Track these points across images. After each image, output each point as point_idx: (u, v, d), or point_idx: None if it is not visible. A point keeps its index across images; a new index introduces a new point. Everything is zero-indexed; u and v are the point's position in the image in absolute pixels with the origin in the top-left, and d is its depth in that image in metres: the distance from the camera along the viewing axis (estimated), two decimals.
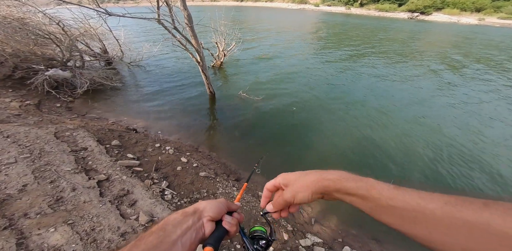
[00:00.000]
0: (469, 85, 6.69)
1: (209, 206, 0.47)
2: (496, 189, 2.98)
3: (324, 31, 17.73)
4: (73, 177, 2.13)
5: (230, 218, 0.49)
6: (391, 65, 8.49)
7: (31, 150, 2.40)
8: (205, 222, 0.44)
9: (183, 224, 0.41)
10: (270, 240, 0.56)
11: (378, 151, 3.58)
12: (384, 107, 5.06)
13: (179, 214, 0.43)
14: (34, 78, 4.43)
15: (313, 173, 0.46)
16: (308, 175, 0.46)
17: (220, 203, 0.49)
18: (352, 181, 0.40)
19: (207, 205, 0.47)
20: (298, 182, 0.46)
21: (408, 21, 32.20)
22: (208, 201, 0.49)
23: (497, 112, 4.97)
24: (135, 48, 7.71)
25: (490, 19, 34.70)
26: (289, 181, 0.48)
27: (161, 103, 4.88)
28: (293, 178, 0.48)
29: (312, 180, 0.44)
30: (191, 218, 0.43)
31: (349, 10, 47.69)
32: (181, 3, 3.40)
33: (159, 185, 2.33)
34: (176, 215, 0.43)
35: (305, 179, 0.46)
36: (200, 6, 50.00)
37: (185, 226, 0.41)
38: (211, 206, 0.47)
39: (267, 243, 0.56)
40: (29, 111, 3.74)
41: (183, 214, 0.44)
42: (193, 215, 0.44)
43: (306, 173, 0.47)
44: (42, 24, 4.89)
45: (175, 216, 0.43)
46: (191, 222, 0.42)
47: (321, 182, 0.43)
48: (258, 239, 0.57)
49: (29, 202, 1.77)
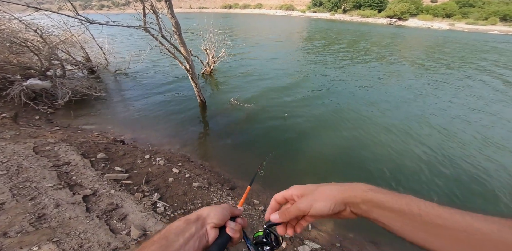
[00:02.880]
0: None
1: (213, 213, 0.45)
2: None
3: (312, 36, 18.28)
4: (56, 193, 2.00)
5: (234, 224, 0.47)
6: (378, 69, 8.87)
7: (8, 166, 2.24)
8: (209, 229, 0.43)
9: (185, 232, 0.40)
10: (275, 246, 0.54)
11: (370, 153, 3.68)
12: (377, 110, 5.25)
13: (182, 222, 0.42)
14: (10, 89, 4.17)
15: (336, 184, 0.43)
16: (330, 185, 0.43)
17: (223, 209, 0.47)
18: (386, 194, 0.36)
19: (211, 212, 0.45)
20: (318, 191, 0.43)
21: (387, 27, 34.02)
22: (211, 207, 0.47)
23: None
24: (120, 56, 7.52)
25: (459, 24, 37.53)
26: (305, 191, 0.44)
27: (150, 113, 4.74)
28: (310, 188, 0.44)
29: (338, 188, 0.41)
30: (194, 226, 0.42)
31: (334, 16, 49.79)
32: (169, 10, 3.37)
33: (151, 197, 2.23)
34: (179, 223, 0.42)
35: (327, 188, 0.42)
36: (188, 13, 50.13)
37: (188, 234, 0.40)
38: (215, 212, 0.45)
39: (271, 249, 0.54)
40: (5, 125, 3.50)
41: (186, 221, 0.42)
42: (196, 222, 0.43)
43: (327, 183, 0.44)
44: (18, 31, 4.66)
45: (177, 224, 0.42)
46: (194, 229, 0.41)
47: (349, 191, 0.39)
48: (262, 245, 0.55)
49: (8, 221, 1.66)
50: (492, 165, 3.51)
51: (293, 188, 0.47)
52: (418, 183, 3.12)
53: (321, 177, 3.20)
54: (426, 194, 2.94)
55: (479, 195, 2.97)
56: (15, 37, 4.47)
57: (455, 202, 2.86)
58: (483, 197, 2.94)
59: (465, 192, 3.00)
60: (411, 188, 3.02)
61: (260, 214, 2.36)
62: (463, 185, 3.11)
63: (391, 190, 0.38)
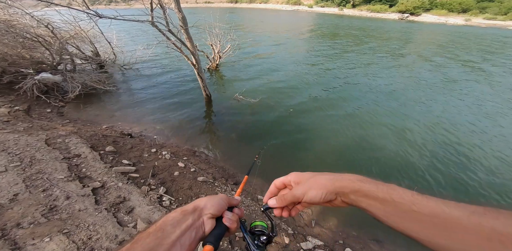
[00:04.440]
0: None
1: (210, 203, 0.45)
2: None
3: (320, 32, 17.91)
4: (67, 185, 2.06)
5: (231, 215, 0.47)
6: (387, 68, 8.63)
7: (21, 158, 2.32)
8: (206, 220, 0.43)
9: (182, 223, 0.40)
10: (271, 235, 0.54)
11: (376, 150, 3.63)
12: (381, 107, 5.13)
13: (178, 213, 0.42)
14: (23, 82, 4.29)
15: (330, 174, 0.45)
16: (324, 174, 0.45)
17: (221, 199, 0.48)
18: (372, 184, 0.39)
19: (208, 202, 0.45)
20: (313, 179, 0.45)
21: (399, 22, 32.89)
22: (208, 197, 0.47)
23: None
24: (128, 50, 7.59)
25: (476, 19, 35.86)
26: (301, 179, 0.47)
27: (156, 107, 4.80)
28: (307, 176, 0.47)
29: (330, 178, 0.43)
30: (191, 216, 0.41)
31: (342, 11, 48.40)
32: (175, 5, 3.36)
33: (157, 191, 2.28)
34: (175, 214, 0.41)
35: (321, 177, 0.44)
36: (194, 8, 49.83)
37: (184, 225, 0.40)
38: (212, 203, 0.46)
39: (268, 239, 0.54)
40: (18, 117, 3.62)
41: (183, 212, 0.42)
42: (193, 213, 0.43)
43: (322, 173, 0.47)
44: (30, 27, 4.75)
45: (174, 215, 0.41)
46: (191, 220, 0.41)
47: (339, 181, 0.42)
48: (259, 235, 0.55)
49: (21, 212, 1.71)
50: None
51: (292, 174, 0.50)
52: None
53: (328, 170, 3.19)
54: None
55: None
56: (27, 33, 4.57)
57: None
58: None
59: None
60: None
61: None
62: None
63: (378, 180, 0.40)
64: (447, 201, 0.33)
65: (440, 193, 2.94)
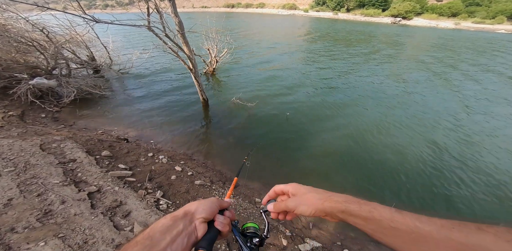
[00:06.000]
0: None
1: (201, 207, 0.44)
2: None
3: (315, 36, 18.19)
4: (62, 189, 2.04)
5: (223, 218, 0.47)
6: (386, 70, 8.80)
7: (16, 163, 2.29)
8: (198, 224, 0.42)
9: (172, 230, 0.38)
10: (264, 237, 0.54)
11: (368, 153, 3.67)
12: (375, 112, 5.21)
13: (168, 219, 0.40)
14: (17, 87, 4.26)
15: (322, 193, 0.48)
16: (317, 192, 0.48)
17: (212, 203, 0.47)
18: (356, 204, 0.42)
19: (199, 206, 0.45)
20: (306, 195, 0.48)
21: (391, 26, 33.64)
22: (199, 201, 0.46)
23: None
24: (124, 55, 7.58)
25: (465, 23, 36.93)
26: (298, 192, 0.50)
27: (153, 112, 4.79)
28: (303, 191, 0.50)
29: (320, 197, 0.46)
30: (182, 222, 0.40)
31: (337, 16, 49.36)
32: (172, 9, 3.40)
33: (154, 194, 2.26)
34: (165, 220, 0.40)
35: (313, 195, 0.48)
36: (191, 13, 50.24)
37: (175, 231, 0.38)
38: (204, 207, 0.45)
39: (261, 241, 0.54)
40: (12, 122, 3.57)
41: (173, 218, 0.41)
42: (184, 218, 0.41)
43: (316, 190, 0.50)
44: (25, 31, 4.74)
45: (163, 221, 0.40)
46: (181, 226, 0.40)
47: (327, 202, 0.44)
48: (252, 237, 0.55)
49: (16, 216, 1.69)
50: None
51: (292, 185, 0.53)
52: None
53: (322, 174, 3.21)
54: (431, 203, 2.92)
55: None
56: (22, 37, 4.55)
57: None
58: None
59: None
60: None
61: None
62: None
63: (363, 199, 0.43)
64: (420, 216, 0.35)
65: (436, 193, 2.98)
